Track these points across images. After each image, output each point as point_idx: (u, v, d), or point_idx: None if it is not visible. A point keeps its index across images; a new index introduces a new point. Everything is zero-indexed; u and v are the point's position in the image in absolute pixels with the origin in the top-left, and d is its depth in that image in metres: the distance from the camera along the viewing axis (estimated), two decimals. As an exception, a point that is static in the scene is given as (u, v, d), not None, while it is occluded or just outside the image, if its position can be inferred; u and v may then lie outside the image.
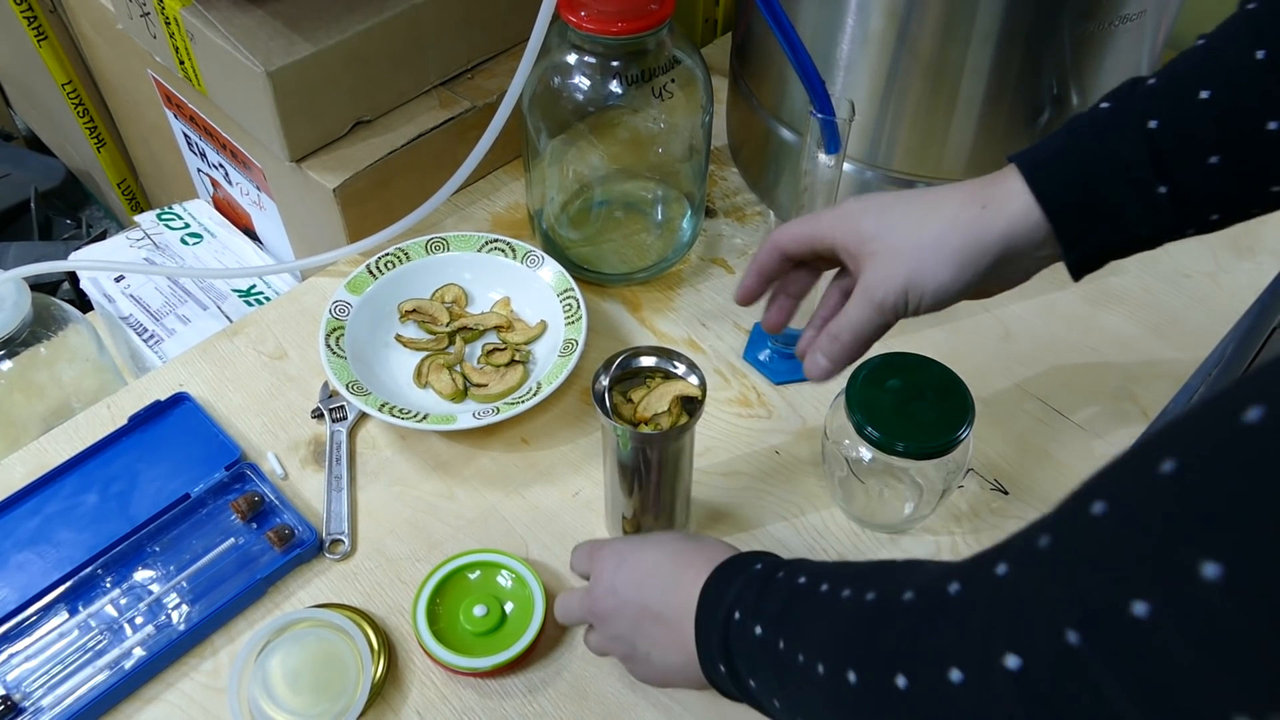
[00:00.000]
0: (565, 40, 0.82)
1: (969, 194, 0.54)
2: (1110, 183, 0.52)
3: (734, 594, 0.52)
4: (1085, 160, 0.52)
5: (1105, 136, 0.52)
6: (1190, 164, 0.50)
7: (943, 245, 0.54)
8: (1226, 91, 0.49)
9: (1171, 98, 0.50)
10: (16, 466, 0.81)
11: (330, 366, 0.81)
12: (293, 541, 0.75)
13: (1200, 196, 0.52)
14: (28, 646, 0.70)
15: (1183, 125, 0.50)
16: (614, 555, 0.61)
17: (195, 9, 0.88)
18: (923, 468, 0.71)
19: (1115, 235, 0.54)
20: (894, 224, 0.55)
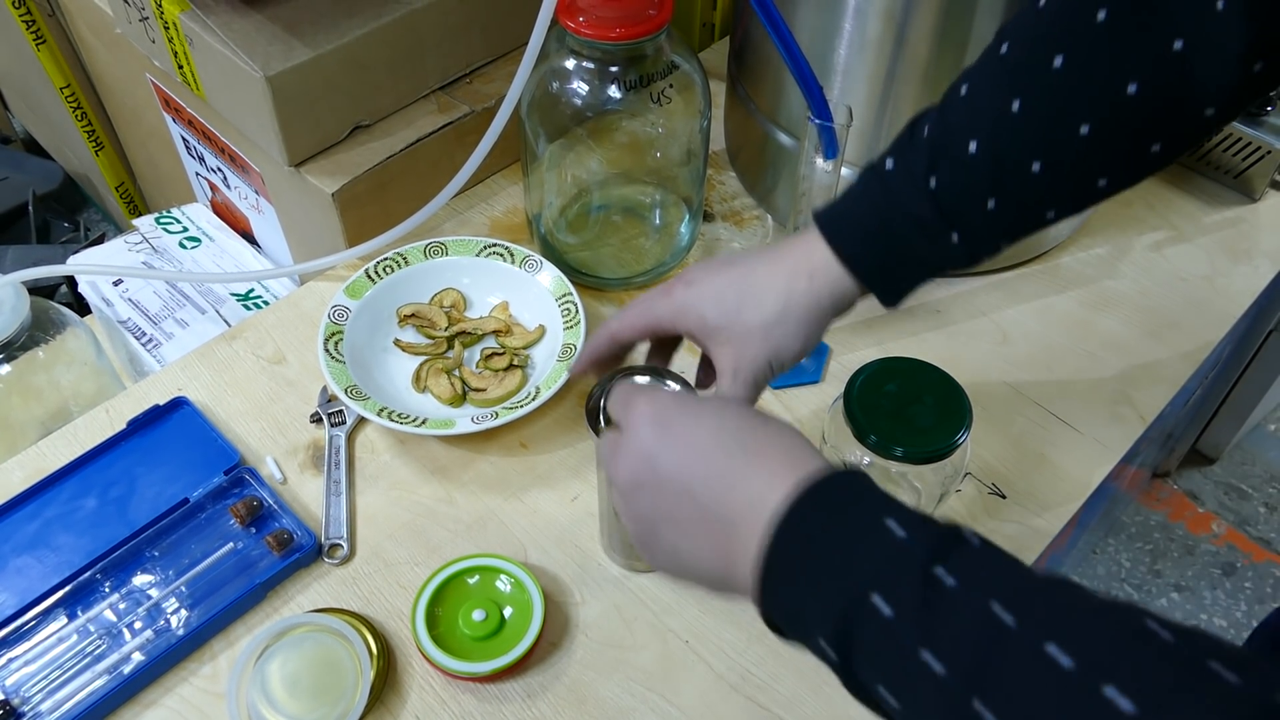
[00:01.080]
0: (564, 45, 0.82)
1: (793, 267, 0.60)
2: (907, 239, 0.58)
3: (870, 568, 0.41)
4: (882, 223, 0.58)
5: (895, 198, 0.57)
6: (971, 211, 0.56)
7: (789, 321, 0.59)
8: (991, 142, 0.55)
9: (945, 154, 0.56)
10: (15, 471, 0.81)
11: (329, 371, 0.81)
12: (291, 546, 0.75)
13: (986, 234, 0.58)
14: (26, 651, 0.70)
15: (958, 178, 0.56)
16: (656, 414, 0.50)
17: (194, 13, 0.89)
18: (921, 472, 0.71)
19: (920, 274, 0.60)
20: (737, 311, 0.60)
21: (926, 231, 0.57)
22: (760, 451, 0.47)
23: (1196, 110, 0.54)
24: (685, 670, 0.70)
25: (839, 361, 0.88)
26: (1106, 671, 0.34)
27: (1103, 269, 0.96)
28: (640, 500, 0.50)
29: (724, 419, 0.49)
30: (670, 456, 0.49)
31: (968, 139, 0.55)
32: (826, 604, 0.42)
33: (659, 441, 0.49)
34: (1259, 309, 1.00)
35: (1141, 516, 1.73)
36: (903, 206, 0.57)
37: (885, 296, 0.60)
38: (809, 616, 0.43)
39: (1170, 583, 1.65)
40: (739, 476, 0.47)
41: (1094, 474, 0.81)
